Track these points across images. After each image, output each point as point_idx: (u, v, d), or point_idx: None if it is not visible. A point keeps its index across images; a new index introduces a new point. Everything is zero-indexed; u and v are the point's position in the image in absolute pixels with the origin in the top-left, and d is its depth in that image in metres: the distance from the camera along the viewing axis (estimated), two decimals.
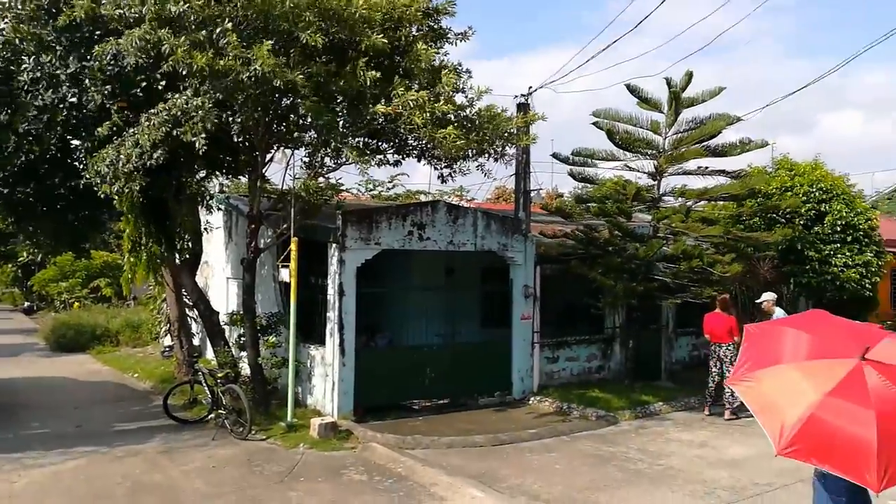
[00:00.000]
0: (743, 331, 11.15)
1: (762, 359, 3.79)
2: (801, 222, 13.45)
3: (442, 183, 10.76)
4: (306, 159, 10.20)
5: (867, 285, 13.66)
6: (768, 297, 11.29)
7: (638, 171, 12.70)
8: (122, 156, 8.69)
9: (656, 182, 12.58)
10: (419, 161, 10.32)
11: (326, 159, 9.92)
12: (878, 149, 69.53)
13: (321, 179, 10.14)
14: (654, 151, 12.37)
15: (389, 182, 14.82)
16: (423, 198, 18.18)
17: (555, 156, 13.02)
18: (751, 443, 9.29)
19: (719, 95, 12.19)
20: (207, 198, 12.14)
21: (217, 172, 11.79)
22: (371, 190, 15.03)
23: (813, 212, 13.58)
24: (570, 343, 12.79)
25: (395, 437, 9.01)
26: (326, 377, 10.12)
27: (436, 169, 10.28)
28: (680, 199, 12.75)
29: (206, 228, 12.88)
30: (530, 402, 11.43)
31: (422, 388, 10.86)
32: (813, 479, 4.08)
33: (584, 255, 12.26)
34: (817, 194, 13.66)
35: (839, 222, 13.42)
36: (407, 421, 10.07)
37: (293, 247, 9.51)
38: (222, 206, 13.83)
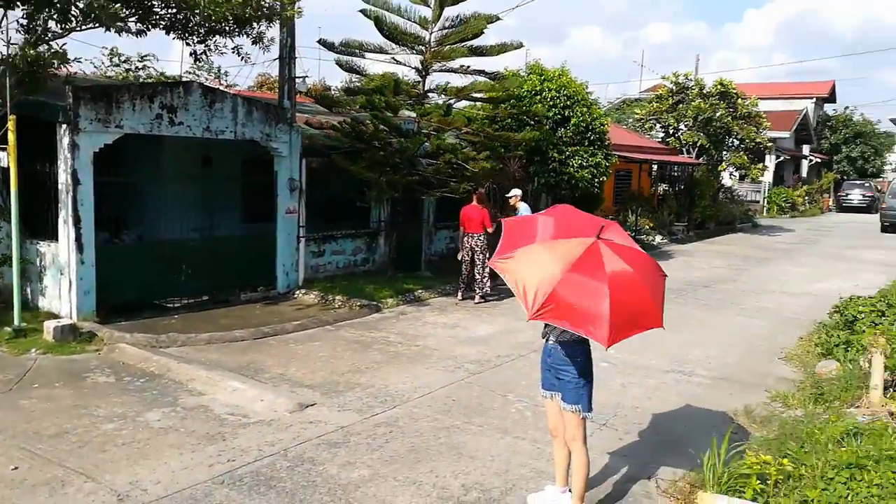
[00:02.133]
0: (494, 223, 12.02)
1: (517, 242, 4.24)
2: (548, 125, 14.68)
3: (196, 61, 9.77)
4: (24, 21, 8.53)
5: (596, 184, 15.57)
6: (515, 192, 12.44)
7: (406, 65, 12.76)
8: None
9: (422, 79, 12.77)
10: (168, 34, 9.18)
11: (51, 23, 8.40)
12: (612, 63, 78.09)
13: (44, 47, 8.58)
14: (421, 47, 12.44)
15: (139, 62, 12.98)
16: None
17: (322, 42, 12.45)
18: (496, 322, 10.39)
19: None
20: None
21: None
22: (117, 65, 13.00)
23: (558, 116, 14.87)
24: (336, 237, 12.88)
25: (146, 337, 8.45)
26: (62, 276, 9.04)
27: (188, 44, 9.25)
28: (443, 96, 13.12)
29: None
30: (295, 295, 11.43)
31: (178, 286, 10.26)
32: (549, 345, 4.54)
33: (351, 149, 12.20)
34: (563, 99, 14.93)
35: (581, 124, 14.91)
36: (161, 320, 9.50)
37: (11, 126, 8.07)
38: None
